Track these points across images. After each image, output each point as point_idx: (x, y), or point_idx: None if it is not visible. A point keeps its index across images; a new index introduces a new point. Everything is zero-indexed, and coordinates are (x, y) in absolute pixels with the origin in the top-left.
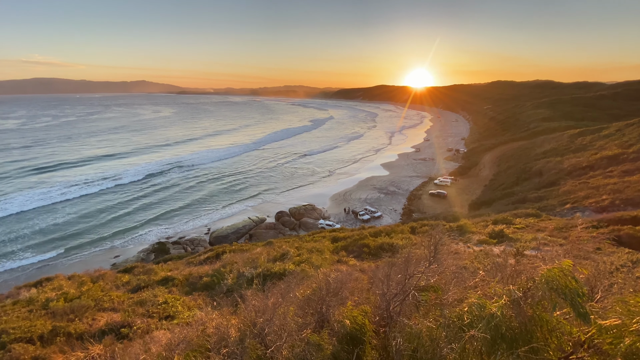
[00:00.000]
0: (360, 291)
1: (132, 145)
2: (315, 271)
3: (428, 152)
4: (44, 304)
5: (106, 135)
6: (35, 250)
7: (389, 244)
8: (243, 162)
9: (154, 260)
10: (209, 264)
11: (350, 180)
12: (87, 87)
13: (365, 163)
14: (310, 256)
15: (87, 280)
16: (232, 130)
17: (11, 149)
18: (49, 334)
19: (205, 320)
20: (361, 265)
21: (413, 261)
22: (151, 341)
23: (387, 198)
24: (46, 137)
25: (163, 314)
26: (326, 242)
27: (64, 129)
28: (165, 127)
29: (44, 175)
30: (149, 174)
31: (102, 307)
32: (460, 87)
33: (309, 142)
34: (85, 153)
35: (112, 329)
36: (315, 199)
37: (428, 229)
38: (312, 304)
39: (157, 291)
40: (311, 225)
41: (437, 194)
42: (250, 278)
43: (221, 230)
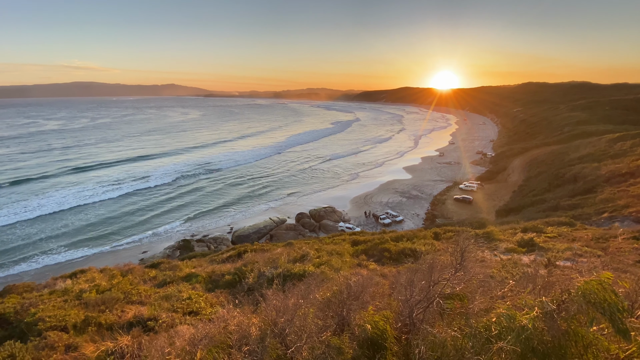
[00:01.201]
0: (382, 296)
1: (162, 147)
2: (335, 274)
3: (453, 155)
4: (78, 294)
5: (138, 137)
6: (71, 243)
7: (411, 249)
8: (267, 165)
9: (179, 256)
10: (231, 262)
11: (371, 183)
12: (121, 90)
13: (387, 166)
14: (330, 259)
15: (117, 273)
16: (257, 134)
17: (53, 149)
18: (82, 323)
19: (227, 317)
20: (382, 270)
21: (437, 268)
22: (175, 335)
23: (409, 202)
24: (83, 138)
25: (187, 309)
26: (346, 245)
27: (100, 130)
28: (193, 130)
29: (81, 175)
30: (177, 176)
31: (130, 300)
32: (488, 88)
33: (331, 145)
34: (118, 154)
35: (140, 322)
36: (335, 202)
37: (452, 235)
38: (332, 307)
39: (182, 287)
40: (331, 228)
41: (462, 199)
42: (271, 278)
43: (243, 229)
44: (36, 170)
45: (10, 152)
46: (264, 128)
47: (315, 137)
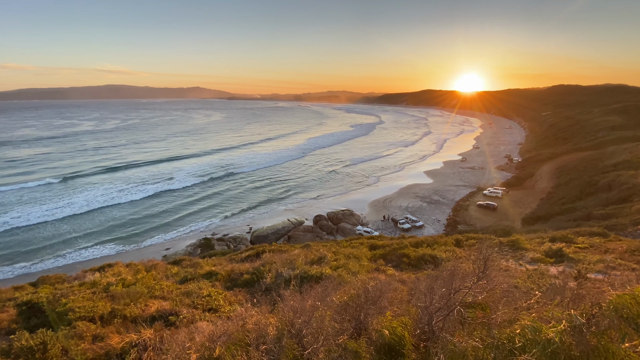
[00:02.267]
0: (400, 302)
1: (187, 149)
2: (352, 277)
3: (477, 160)
4: (105, 287)
5: (164, 139)
6: (100, 241)
7: (431, 255)
8: (287, 168)
9: (199, 254)
10: (249, 261)
11: (390, 187)
12: (150, 92)
13: (407, 170)
14: (348, 262)
15: (142, 268)
16: (279, 137)
17: (86, 149)
18: (108, 315)
19: (245, 315)
20: (400, 275)
21: (459, 275)
22: (195, 331)
23: (430, 207)
24: (114, 139)
25: (206, 306)
26: (364, 249)
27: (130, 131)
28: (216, 132)
29: (111, 174)
30: (201, 177)
31: (153, 294)
32: (516, 91)
33: (352, 149)
34: (145, 155)
35: (162, 316)
36: (353, 205)
37: (475, 243)
38: (349, 310)
39: (202, 284)
40: (349, 231)
41: (486, 206)
42: (288, 279)
43: (262, 230)
44: (70, 170)
45: (50, 151)
46: (286, 131)
47: (337, 140)
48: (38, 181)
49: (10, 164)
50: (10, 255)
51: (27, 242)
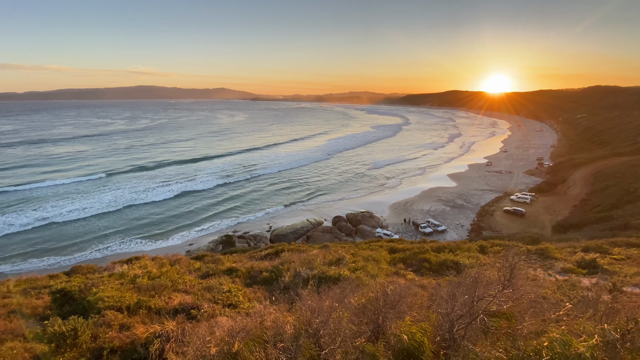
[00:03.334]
0: (420, 307)
1: (211, 149)
2: (370, 280)
3: (504, 164)
4: (132, 279)
5: (190, 138)
6: (131, 234)
7: (453, 261)
8: (310, 169)
9: (221, 251)
10: (268, 260)
11: (412, 189)
12: (178, 93)
13: (430, 172)
14: (366, 264)
15: (167, 262)
16: (303, 138)
17: (118, 148)
18: (134, 305)
19: (263, 313)
20: (420, 280)
21: (483, 283)
22: (216, 325)
23: (453, 211)
24: (143, 138)
25: (226, 301)
26: (383, 251)
27: (158, 130)
28: (241, 133)
29: (139, 173)
30: (224, 177)
31: (176, 288)
32: (548, 92)
33: (376, 151)
34: (173, 155)
35: (184, 309)
36: (373, 207)
37: (501, 250)
38: (367, 313)
39: (223, 280)
40: (368, 233)
41: (513, 212)
42: (306, 278)
43: (281, 229)
44: (102, 168)
45: (85, 149)
46: (309, 132)
47: (361, 142)
48: (73, 178)
49: (49, 160)
50: (47, 248)
51: (62, 236)
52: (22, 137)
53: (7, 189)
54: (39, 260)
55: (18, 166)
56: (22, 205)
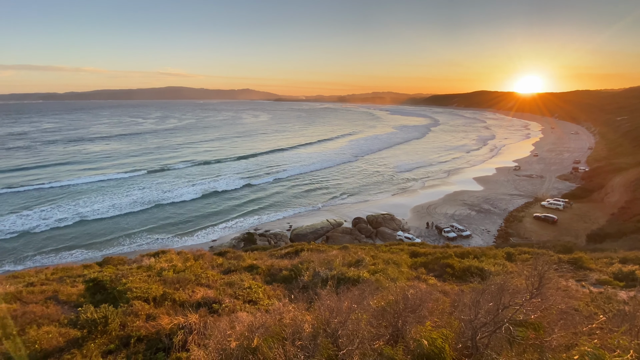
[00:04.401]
0: (441, 313)
1: (237, 150)
2: (390, 283)
3: (536, 168)
4: (159, 272)
5: (216, 138)
6: (159, 228)
7: (477, 267)
8: (334, 171)
9: (242, 248)
10: (288, 258)
11: (435, 192)
12: (205, 94)
13: (455, 175)
14: (386, 267)
15: (191, 257)
16: (328, 140)
17: (149, 147)
18: (160, 297)
19: (282, 310)
20: (442, 286)
21: (509, 290)
22: (236, 320)
23: (478, 216)
24: (172, 137)
25: (247, 297)
26: (404, 255)
27: (186, 130)
28: (265, 133)
29: (168, 172)
30: (249, 178)
31: (200, 282)
32: (585, 93)
33: (399, 153)
34: (199, 155)
35: (206, 303)
36: (394, 209)
37: (529, 258)
38: (386, 316)
39: (244, 276)
40: (388, 236)
41: (544, 218)
42: (325, 279)
43: (301, 228)
44: (133, 166)
45: (119, 147)
46: (334, 133)
47: (385, 144)
48: (107, 175)
49: (85, 157)
50: (82, 241)
51: (94, 232)
52: (62, 135)
53: (41, 186)
54: (69, 254)
55: (56, 164)
56: (57, 201)
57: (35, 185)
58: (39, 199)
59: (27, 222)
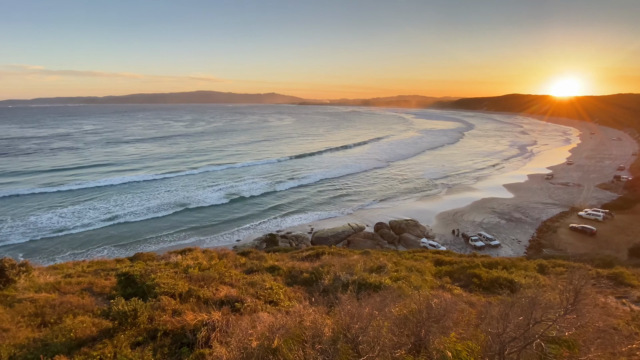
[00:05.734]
0: (467, 325)
1: (264, 154)
2: (413, 291)
3: (572, 175)
4: (185, 269)
5: (243, 142)
6: (186, 230)
7: (507, 279)
8: (358, 176)
9: (265, 248)
10: (309, 261)
11: (462, 199)
12: (232, 98)
13: (483, 181)
14: (409, 275)
15: (215, 256)
16: (352, 146)
17: (180, 151)
18: (186, 293)
19: (302, 313)
20: (468, 297)
21: (541, 305)
22: (257, 320)
23: (508, 225)
24: (200, 140)
25: (268, 298)
26: (428, 263)
27: (215, 133)
28: (290, 137)
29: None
30: (273, 181)
31: (223, 280)
32: (629, 97)
33: (424, 160)
34: (224, 160)
35: (229, 301)
36: (419, 215)
37: (564, 271)
38: (409, 325)
39: (265, 277)
40: (412, 242)
41: (581, 229)
42: (346, 283)
43: (322, 232)
44: (164, 169)
45: (152, 148)
46: (360, 138)
47: (413, 150)
48: (140, 176)
49: (122, 158)
50: (116, 240)
51: (129, 230)
52: (101, 136)
53: (79, 185)
54: (102, 249)
55: (94, 165)
56: (91, 201)
57: (73, 185)
58: (77, 197)
59: (63, 220)
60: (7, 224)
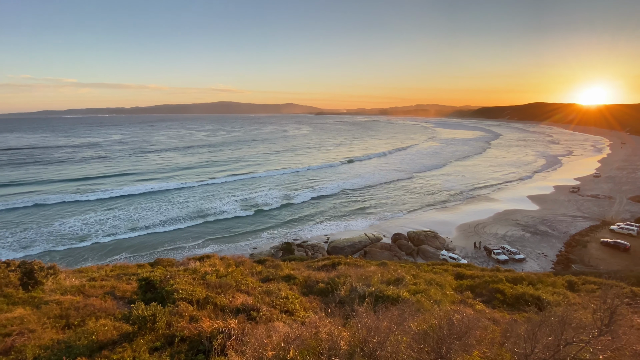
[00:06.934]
0: (491, 343)
1: (281, 164)
2: (433, 306)
3: (603, 187)
4: (203, 275)
5: (261, 151)
6: (206, 236)
7: (533, 295)
8: (379, 187)
9: (281, 257)
10: (325, 271)
11: (484, 210)
12: (252, 108)
13: (505, 192)
14: (428, 288)
15: (232, 263)
16: (371, 156)
17: (201, 159)
18: (203, 300)
19: (318, 324)
20: (492, 313)
21: (572, 325)
22: (273, 329)
23: (534, 238)
24: (220, 150)
25: (283, 307)
26: (448, 276)
27: (234, 143)
28: (307, 147)
29: (214, 184)
30: (292, 192)
31: (239, 288)
32: None
33: (452, 171)
34: (243, 170)
35: (245, 309)
36: (438, 226)
37: (596, 289)
38: (429, 341)
39: (281, 286)
40: (431, 254)
41: (613, 244)
42: (363, 295)
43: (339, 241)
44: (186, 179)
45: (173, 157)
46: (378, 149)
47: (437, 161)
48: (163, 184)
49: (146, 167)
50: (140, 247)
51: (151, 238)
52: (128, 145)
53: (104, 195)
54: (117, 257)
55: (119, 174)
56: (115, 209)
57: (100, 194)
58: (103, 205)
59: (86, 227)
60: (35, 230)
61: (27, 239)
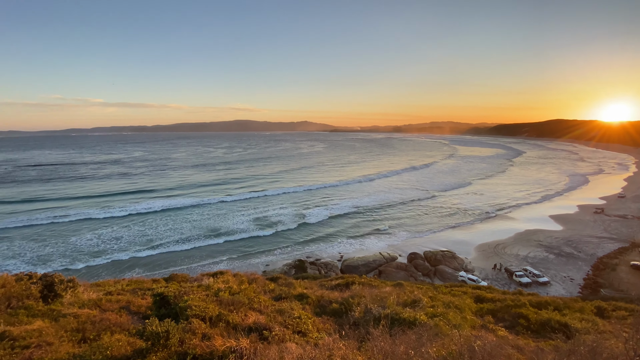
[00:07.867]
0: None
1: (295, 182)
2: (452, 331)
3: (632, 207)
4: (216, 292)
5: (276, 170)
6: (219, 254)
7: (559, 322)
8: (394, 206)
9: (293, 275)
10: (338, 290)
11: (504, 230)
12: (268, 126)
13: (525, 211)
14: (447, 311)
15: (245, 280)
16: (388, 175)
17: (218, 176)
18: (215, 317)
19: (332, 347)
20: (515, 340)
21: (603, 355)
22: (285, 351)
23: (558, 260)
24: (236, 167)
25: (296, 327)
26: (467, 299)
27: (250, 160)
28: (322, 164)
29: (225, 203)
30: (306, 210)
31: (252, 306)
32: None
33: (471, 190)
34: (259, 187)
35: (257, 328)
36: (456, 246)
37: (628, 316)
38: None
39: (294, 305)
40: (449, 276)
41: None
42: (378, 317)
43: (352, 260)
44: (202, 195)
45: (192, 173)
46: (393, 167)
47: (458, 181)
48: (182, 201)
49: (164, 184)
50: (155, 264)
51: (170, 257)
52: (148, 162)
53: (121, 213)
54: (133, 273)
55: (138, 190)
56: (133, 225)
57: (119, 210)
58: (121, 222)
59: (103, 244)
60: (54, 246)
61: (45, 254)
